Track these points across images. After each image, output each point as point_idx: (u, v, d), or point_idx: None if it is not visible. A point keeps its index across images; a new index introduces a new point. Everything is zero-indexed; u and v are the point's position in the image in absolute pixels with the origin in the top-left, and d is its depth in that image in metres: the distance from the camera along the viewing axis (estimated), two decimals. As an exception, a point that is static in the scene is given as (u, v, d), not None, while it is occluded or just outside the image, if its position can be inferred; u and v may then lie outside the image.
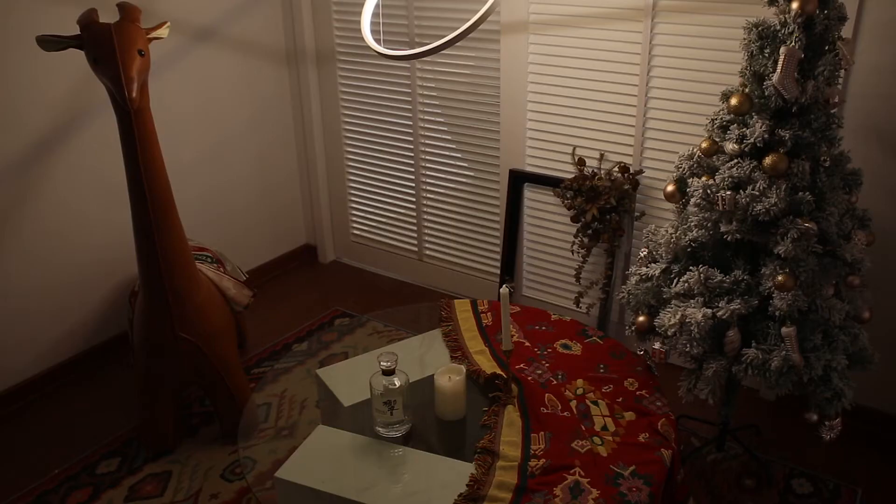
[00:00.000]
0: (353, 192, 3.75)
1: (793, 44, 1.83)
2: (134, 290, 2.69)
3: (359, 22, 2.78)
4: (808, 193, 1.89)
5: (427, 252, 3.59)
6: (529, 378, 2.04)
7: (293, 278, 3.78)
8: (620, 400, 1.96)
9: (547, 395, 1.97)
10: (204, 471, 2.47)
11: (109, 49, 1.94)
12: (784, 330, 1.91)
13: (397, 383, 1.82)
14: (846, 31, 2.20)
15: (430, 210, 3.49)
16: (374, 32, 3.10)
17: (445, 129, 3.29)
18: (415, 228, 3.58)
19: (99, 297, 3.03)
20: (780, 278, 1.90)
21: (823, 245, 1.94)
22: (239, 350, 2.90)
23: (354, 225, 3.83)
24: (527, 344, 2.20)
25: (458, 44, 2.40)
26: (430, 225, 3.53)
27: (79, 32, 2.01)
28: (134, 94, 1.95)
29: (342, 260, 3.96)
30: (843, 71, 1.94)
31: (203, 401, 2.82)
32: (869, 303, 2.12)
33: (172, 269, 2.24)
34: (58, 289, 2.88)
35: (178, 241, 2.24)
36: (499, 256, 3.30)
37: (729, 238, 1.96)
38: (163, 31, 2.11)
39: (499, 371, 2.05)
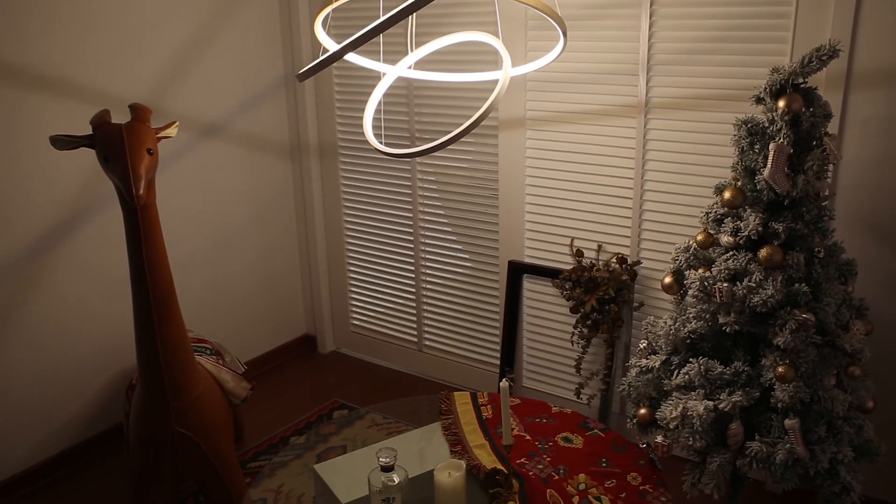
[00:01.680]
0: (353, 282, 3.77)
1: (781, 140, 1.89)
2: (132, 382, 2.68)
3: (360, 117, 2.87)
4: (804, 284, 1.91)
5: (427, 343, 3.59)
6: (531, 473, 2.00)
7: (292, 369, 3.76)
8: (624, 495, 1.92)
9: (549, 490, 1.93)
10: (197, 571, 2.39)
11: (119, 148, 2.00)
12: (787, 422, 1.90)
13: (396, 480, 1.79)
14: (832, 127, 2.27)
15: (429, 301, 3.51)
16: (376, 128, 3.19)
17: (445, 220, 3.34)
18: (414, 319, 3.59)
19: (95, 388, 3.01)
20: (780, 369, 1.90)
21: (822, 335, 1.94)
22: (235, 443, 2.86)
23: (354, 315, 3.83)
24: (527, 437, 2.17)
25: (456, 139, 2.47)
26: (429, 315, 3.54)
27: (90, 132, 2.08)
28: (141, 191, 2.00)
29: (341, 350, 3.94)
30: (831, 165, 2.00)
31: (197, 496, 2.76)
32: (872, 392, 2.11)
33: (172, 362, 2.24)
34: (54, 379, 2.87)
35: (178, 335, 2.25)
36: (498, 347, 3.30)
37: (728, 329, 1.97)
38: (171, 131, 2.18)
39: (499, 466, 2.01)
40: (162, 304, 2.19)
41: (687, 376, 2.00)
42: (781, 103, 1.90)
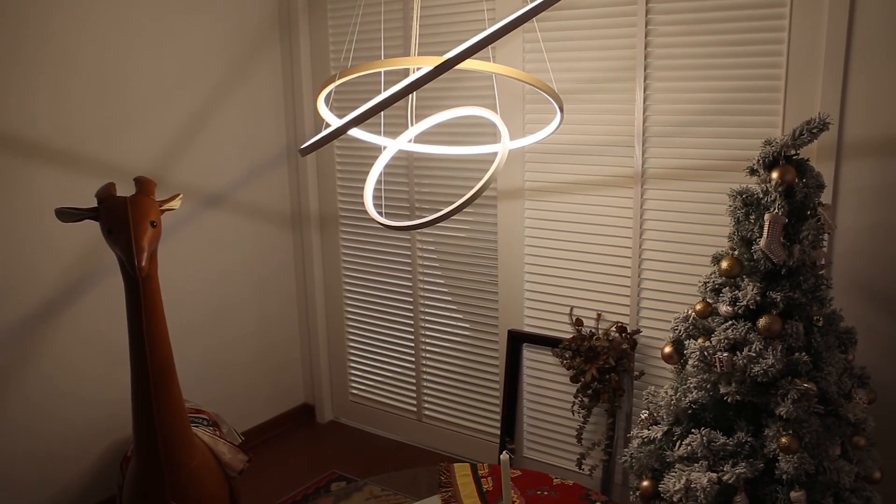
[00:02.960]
0: (352, 351, 3.76)
1: (776, 210, 1.92)
2: (126, 454, 2.64)
3: (361, 188, 2.92)
4: (804, 354, 1.91)
5: (426, 412, 3.55)
6: (533, 548, 1.96)
7: (290, 438, 3.71)
8: (629, 572, 1.87)
9: (552, 566, 1.89)
10: None
11: (123, 220, 2.03)
12: (793, 495, 1.87)
13: (396, 556, 1.75)
14: (826, 196, 2.30)
15: (429, 370, 3.49)
16: (377, 199, 3.24)
17: (445, 290, 3.35)
18: (414, 388, 3.56)
19: (91, 457, 2.96)
20: (783, 440, 1.88)
21: (825, 405, 1.93)
22: (232, 518, 2.80)
23: (353, 384, 3.80)
24: (530, 511, 2.14)
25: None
26: (429, 385, 3.51)
27: (95, 205, 2.11)
28: (143, 263, 2.01)
29: (340, 420, 3.90)
30: (826, 234, 2.02)
31: (192, 574, 2.69)
32: (878, 462, 2.08)
33: (168, 435, 2.21)
34: (52, 447, 2.82)
35: (175, 408, 2.23)
36: (499, 417, 3.26)
37: (729, 399, 1.96)
38: (175, 203, 2.21)
39: (502, 541, 1.97)
40: (160, 376, 2.18)
41: (689, 447, 1.98)
42: (775, 175, 1.93)
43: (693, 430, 1.99)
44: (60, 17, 2.69)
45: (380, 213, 2.03)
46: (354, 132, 2.11)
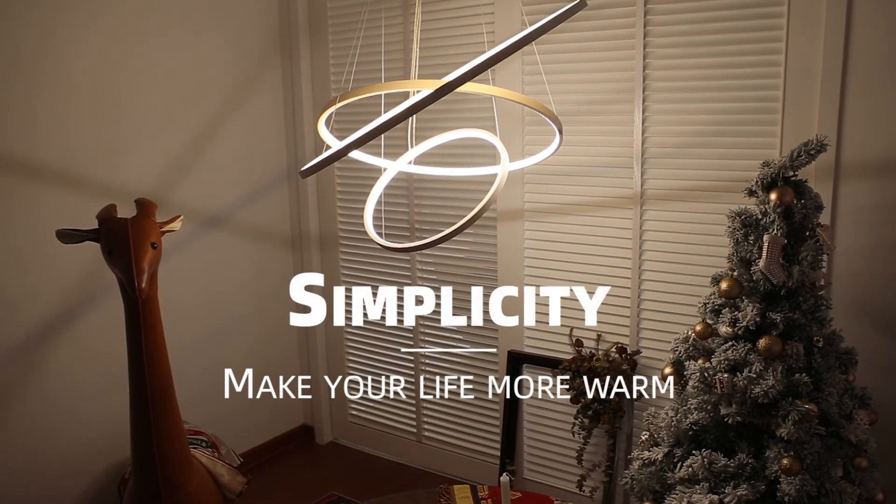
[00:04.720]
0: (352, 372, 3.75)
1: (775, 231, 1.93)
2: (124, 476, 2.63)
3: (361, 208, 2.92)
4: (804, 375, 1.91)
5: (426, 433, 3.54)
6: (534, 571, 1.95)
7: (289, 460, 3.69)
8: None
9: (553, 590, 1.87)
10: None
11: (124, 242, 2.03)
12: (795, 517, 1.86)
13: (396, 579, 1.74)
14: (824, 217, 2.31)
15: (429, 391, 3.48)
16: (377, 220, 3.25)
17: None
18: (414, 410, 3.55)
19: (89, 479, 2.94)
20: (785, 461, 1.87)
21: (826, 426, 1.93)
22: (230, 541, 2.78)
23: (353, 405, 3.79)
24: (530, 533, 2.12)
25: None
26: (429, 406, 3.50)
27: (96, 226, 2.12)
28: (143, 285, 2.02)
29: (340, 441, 3.88)
30: (825, 255, 2.03)
31: None
32: (881, 484, 2.07)
33: (167, 457, 2.20)
34: (47, 469, 2.81)
35: (174, 429, 2.22)
36: (499, 438, 3.25)
37: (730, 421, 1.95)
38: (175, 225, 2.22)
39: (502, 564, 1.96)
40: (159, 397, 2.17)
41: (690, 469, 1.97)
42: (773, 196, 1.94)
43: (694, 452, 1.98)
44: (59, 37, 2.71)
45: (380, 235, 2.04)
46: (355, 154, 2.12)
